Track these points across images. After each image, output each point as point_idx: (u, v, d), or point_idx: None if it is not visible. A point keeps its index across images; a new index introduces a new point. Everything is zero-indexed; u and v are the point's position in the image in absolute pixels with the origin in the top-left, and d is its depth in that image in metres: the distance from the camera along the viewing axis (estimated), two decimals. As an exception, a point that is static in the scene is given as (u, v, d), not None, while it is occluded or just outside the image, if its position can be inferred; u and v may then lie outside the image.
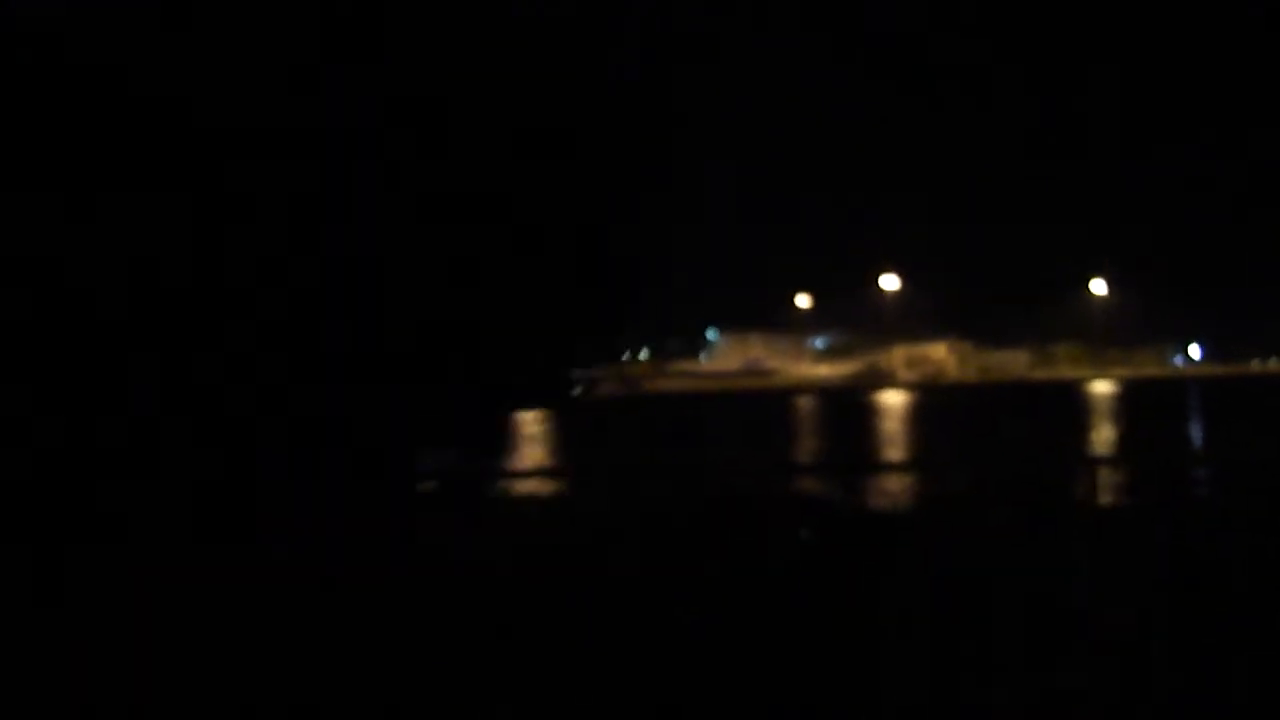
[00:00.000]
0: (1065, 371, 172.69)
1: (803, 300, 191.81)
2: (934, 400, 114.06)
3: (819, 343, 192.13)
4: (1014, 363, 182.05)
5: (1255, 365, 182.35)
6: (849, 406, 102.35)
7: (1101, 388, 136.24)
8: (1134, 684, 13.88)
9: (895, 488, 34.81)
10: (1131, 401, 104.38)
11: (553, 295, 13.09)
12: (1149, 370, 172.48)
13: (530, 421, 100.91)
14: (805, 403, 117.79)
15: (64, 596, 16.17)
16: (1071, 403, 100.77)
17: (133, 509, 15.08)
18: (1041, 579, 19.21)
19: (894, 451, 55.02)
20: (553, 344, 14.64)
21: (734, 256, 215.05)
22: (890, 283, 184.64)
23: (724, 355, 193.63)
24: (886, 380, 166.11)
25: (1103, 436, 63.05)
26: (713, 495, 24.08)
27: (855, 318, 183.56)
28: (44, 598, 15.17)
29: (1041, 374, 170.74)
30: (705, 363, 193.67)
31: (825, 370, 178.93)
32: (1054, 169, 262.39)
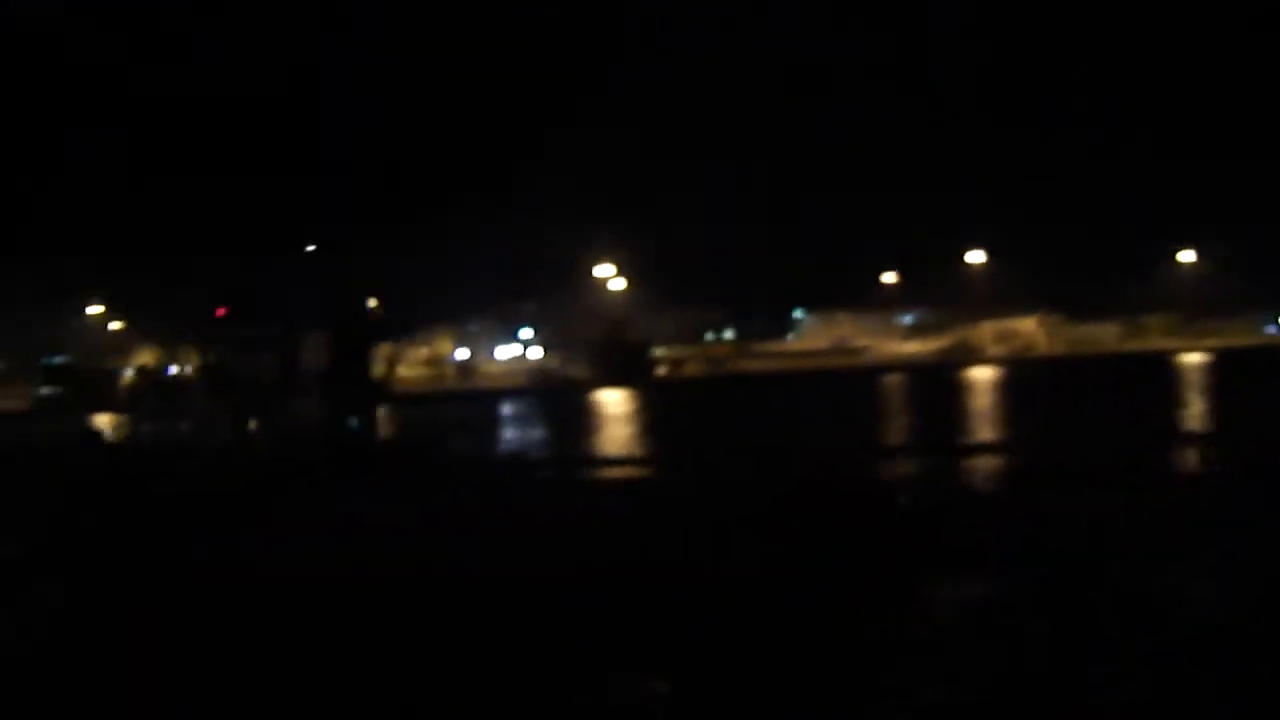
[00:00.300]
0: (1157, 343, 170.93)
1: (890, 277, 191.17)
2: (1024, 375, 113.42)
3: (907, 319, 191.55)
4: (1105, 335, 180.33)
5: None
6: (939, 383, 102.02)
7: (1194, 359, 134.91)
8: (1229, 654, 13.78)
9: (986, 466, 34.68)
10: (1224, 372, 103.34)
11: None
12: (1242, 340, 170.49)
13: (615, 402, 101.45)
14: (894, 380, 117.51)
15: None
16: (1164, 374, 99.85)
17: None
18: (1135, 555, 19.12)
19: (984, 429, 54.55)
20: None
21: (819, 234, 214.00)
22: (977, 257, 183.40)
23: (811, 334, 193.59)
24: (976, 356, 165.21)
25: (1196, 409, 62.33)
26: (789, 486, 24.20)
27: (943, 293, 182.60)
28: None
29: (1133, 346, 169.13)
30: (792, 342, 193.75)
31: (914, 347, 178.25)
32: (1141, 137, 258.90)
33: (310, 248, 34.07)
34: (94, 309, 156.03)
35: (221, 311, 34.36)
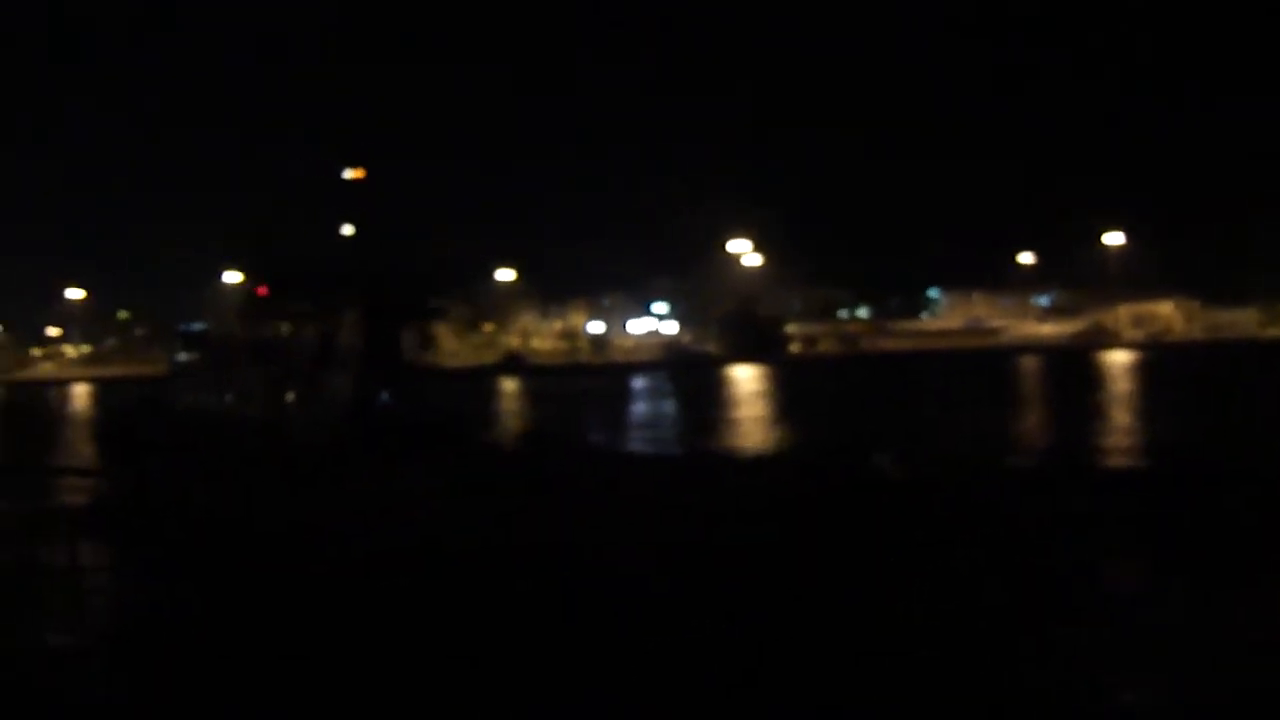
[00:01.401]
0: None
1: (1027, 257, 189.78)
2: (1161, 361, 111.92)
3: (1043, 300, 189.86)
4: (1243, 320, 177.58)
5: None
6: (1074, 367, 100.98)
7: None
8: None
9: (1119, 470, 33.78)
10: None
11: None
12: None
13: (748, 379, 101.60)
14: (1030, 363, 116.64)
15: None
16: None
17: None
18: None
19: (1115, 424, 53.97)
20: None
21: (957, 213, 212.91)
22: (1115, 239, 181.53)
23: (946, 313, 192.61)
24: (1112, 339, 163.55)
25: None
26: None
27: (1080, 275, 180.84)
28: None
29: (1273, 332, 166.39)
30: (927, 321, 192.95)
31: (1050, 328, 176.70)
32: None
33: (348, 231, 35.93)
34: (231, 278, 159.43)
35: (263, 290, 36.32)
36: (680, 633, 16.99)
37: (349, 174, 35.06)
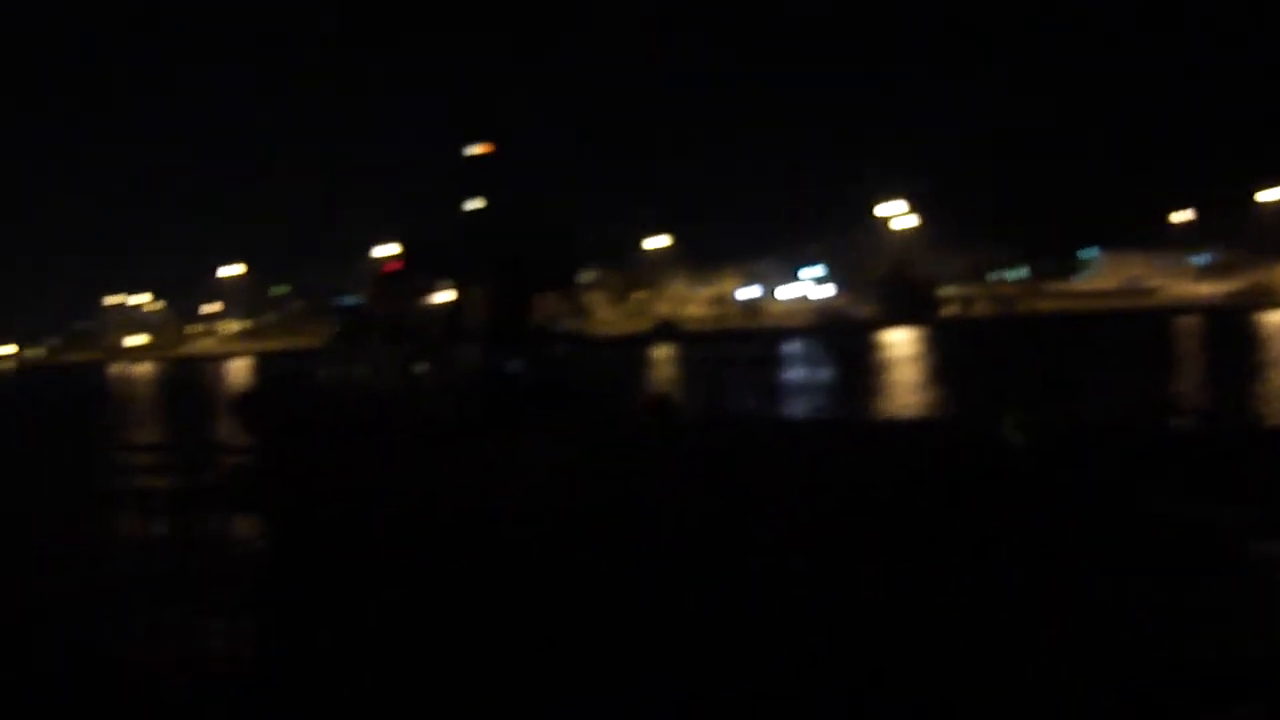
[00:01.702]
0: None
1: (1183, 216, 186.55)
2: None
3: (1201, 260, 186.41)
4: None
5: None
6: (1231, 329, 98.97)
7: None
8: None
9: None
10: None
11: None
12: None
13: (901, 343, 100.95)
14: (1188, 324, 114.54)
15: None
16: None
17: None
18: None
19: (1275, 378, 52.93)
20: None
21: (1110, 171, 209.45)
22: (1276, 195, 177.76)
23: (1103, 274, 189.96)
24: (1271, 298, 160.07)
25: None
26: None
27: (1239, 233, 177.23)
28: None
29: None
30: (1083, 282, 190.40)
31: (1207, 288, 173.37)
32: None
33: (475, 205, 36.59)
34: (383, 251, 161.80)
35: (392, 266, 37.29)
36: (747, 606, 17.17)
37: (475, 149, 35.68)
